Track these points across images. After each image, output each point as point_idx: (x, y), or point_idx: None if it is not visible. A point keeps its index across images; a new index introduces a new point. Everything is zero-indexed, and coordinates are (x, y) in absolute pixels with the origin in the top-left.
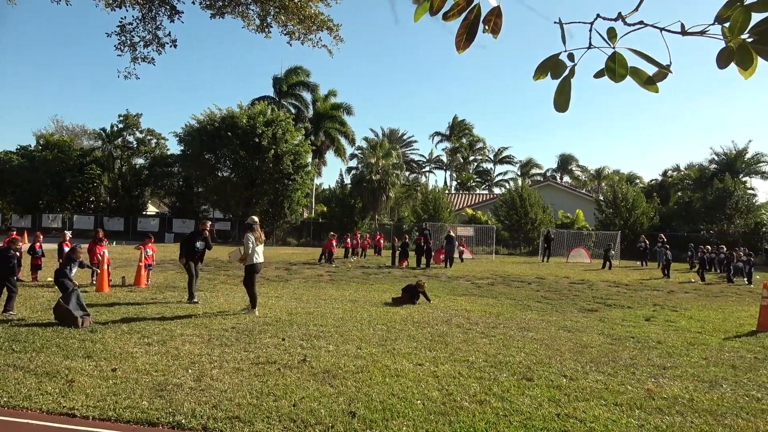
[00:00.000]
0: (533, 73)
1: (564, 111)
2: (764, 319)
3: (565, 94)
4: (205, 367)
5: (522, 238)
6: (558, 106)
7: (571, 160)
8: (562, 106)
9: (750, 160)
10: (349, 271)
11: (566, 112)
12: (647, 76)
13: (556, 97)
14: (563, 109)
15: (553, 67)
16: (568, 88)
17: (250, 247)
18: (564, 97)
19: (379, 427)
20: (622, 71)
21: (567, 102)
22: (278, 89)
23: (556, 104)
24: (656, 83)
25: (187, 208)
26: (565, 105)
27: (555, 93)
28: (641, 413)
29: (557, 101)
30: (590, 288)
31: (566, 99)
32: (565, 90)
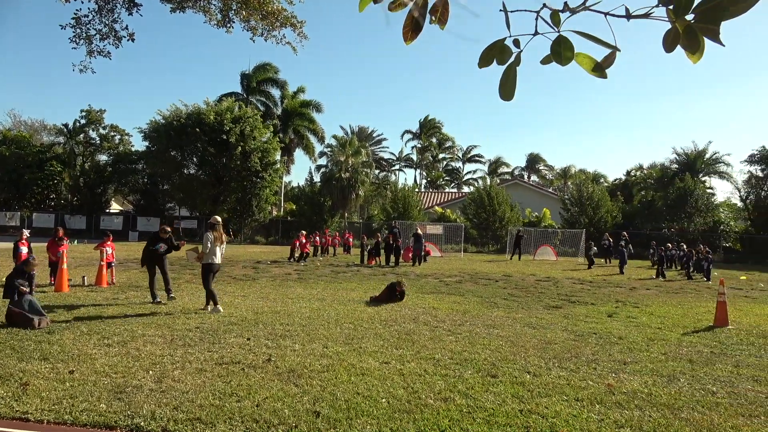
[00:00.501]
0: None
1: (509, 99)
2: (720, 315)
3: (510, 82)
4: (167, 368)
5: (490, 236)
6: (503, 94)
7: (539, 160)
8: (507, 95)
9: (709, 160)
10: (318, 270)
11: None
12: (595, 62)
13: (501, 85)
14: (509, 97)
15: (499, 54)
16: (514, 76)
17: (207, 247)
18: (509, 84)
19: (343, 426)
20: (569, 54)
21: (512, 90)
22: (246, 85)
23: (501, 92)
24: (604, 69)
25: (152, 206)
26: (510, 93)
27: (500, 80)
28: (601, 408)
29: (502, 89)
30: (556, 285)
31: (511, 87)
32: (510, 78)
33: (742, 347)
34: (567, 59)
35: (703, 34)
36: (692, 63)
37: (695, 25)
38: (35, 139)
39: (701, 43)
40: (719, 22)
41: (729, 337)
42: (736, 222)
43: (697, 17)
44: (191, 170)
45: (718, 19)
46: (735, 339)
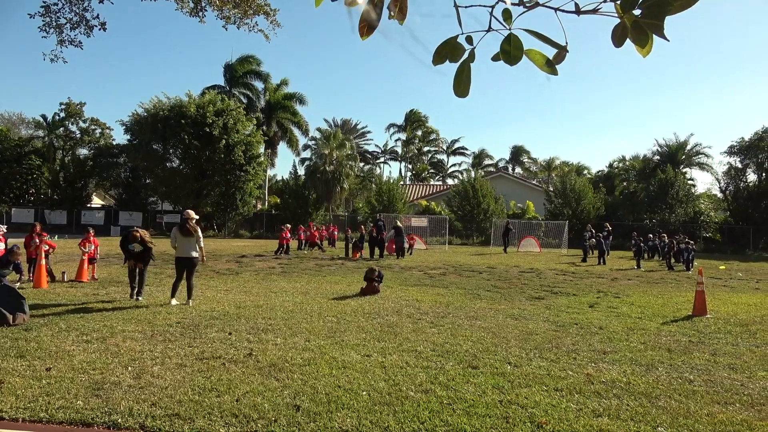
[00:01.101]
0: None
1: (463, 96)
2: (699, 304)
3: (464, 78)
4: (146, 364)
5: (474, 228)
6: (458, 92)
7: (523, 152)
8: (461, 92)
9: (690, 151)
10: (302, 263)
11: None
12: (546, 58)
13: (455, 83)
14: (463, 94)
15: (451, 51)
16: (468, 73)
17: (171, 240)
18: (463, 82)
19: (323, 420)
20: (518, 53)
21: (467, 87)
22: (229, 78)
23: (456, 89)
24: (555, 66)
25: (134, 200)
26: (465, 90)
27: (454, 78)
28: (580, 397)
29: (457, 86)
30: (539, 276)
31: (466, 84)
32: (464, 75)
33: (720, 336)
34: (515, 59)
35: (647, 29)
36: (642, 57)
37: (641, 20)
38: (13, 132)
39: (649, 37)
40: (663, 18)
41: (707, 326)
42: (716, 213)
43: (643, 12)
44: (174, 164)
45: (662, 14)
46: (713, 328)
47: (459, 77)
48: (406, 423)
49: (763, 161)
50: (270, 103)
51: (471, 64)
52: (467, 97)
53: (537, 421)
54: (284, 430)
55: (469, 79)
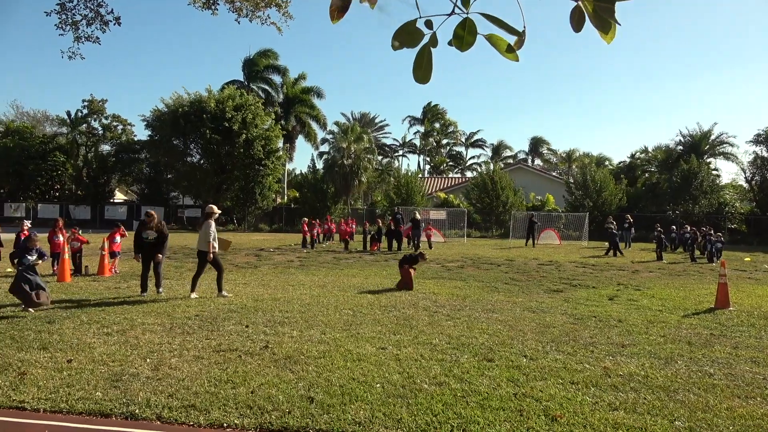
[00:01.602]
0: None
1: (424, 82)
2: (722, 297)
3: (424, 64)
4: (165, 356)
5: (493, 221)
6: (416, 77)
7: (542, 143)
8: (421, 77)
9: (714, 141)
10: (321, 257)
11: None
12: (507, 44)
13: (415, 68)
14: (424, 80)
15: (408, 36)
16: (429, 58)
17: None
18: (423, 67)
19: (337, 412)
20: (470, 38)
21: (427, 73)
22: (247, 73)
23: (415, 75)
24: (515, 52)
25: (156, 195)
26: (425, 76)
27: (414, 63)
28: (596, 390)
29: (416, 72)
30: (558, 269)
31: (426, 70)
32: (424, 60)
33: (743, 329)
34: (467, 44)
35: (600, 12)
36: (606, 43)
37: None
38: (38, 129)
39: (612, 23)
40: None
41: (729, 318)
42: (741, 203)
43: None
44: (194, 159)
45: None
46: (735, 321)
47: (418, 62)
48: (419, 415)
49: None
50: (288, 97)
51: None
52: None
53: (551, 414)
54: (298, 422)
55: (430, 65)
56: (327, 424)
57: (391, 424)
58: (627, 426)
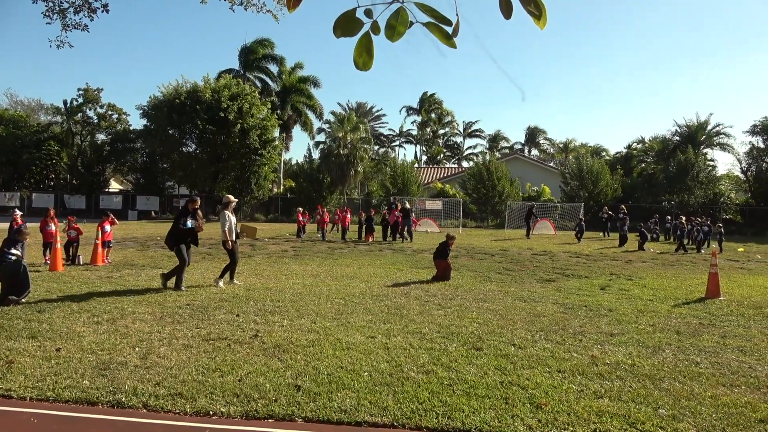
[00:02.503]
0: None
1: (365, 69)
2: (712, 286)
3: (365, 52)
4: (154, 345)
5: (490, 211)
6: (357, 65)
7: (539, 133)
8: (362, 65)
9: (711, 132)
10: (315, 246)
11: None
12: (445, 32)
13: (355, 54)
14: (364, 67)
15: (347, 25)
16: (370, 46)
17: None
18: (364, 55)
19: (323, 400)
20: (401, 29)
21: (368, 61)
22: (244, 62)
23: (356, 62)
24: (453, 39)
25: (151, 185)
26: (366, 64)
27: (354, 50)
28: (582, 379)
29: (357, 59)
30: (551, 259)
31: (367, 57)
32: (364, 48)
33: (732, 318)
34: (399, 35)
35: None
36: (540, 29)
37: None
38: (32, 118)
39: (542, 8)
40: None
41: (719, 308)
42: (737, 194)
43: None
44: (190, 148)
45: None
46: (725, 310)
47: (359, 50)
48: (404, 403)
49: None
50: (285, 86)
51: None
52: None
53: (537, 402)
54: (284, 410)
55: (371, 53)
56: (313, 412)
57: (376, 411)
58: (611, 413)
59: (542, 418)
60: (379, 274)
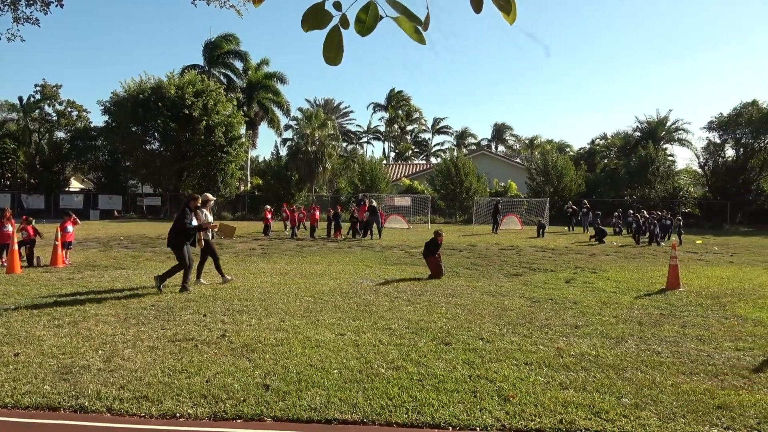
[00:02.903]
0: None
1: (335, 63)
2: (672, 278)
3: (334, 46)
4: (117, 347)
5: (457, 207)
6: (327, 59)
7: (506, 129)
8: (331, 59)
9: (670, 127)
10: (283, 244)
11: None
12: (415, 26)
13: (324, 49)
14: (333, 61)
15: (316, 17)
16: (338, 40)
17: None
18: (333, 49)
19: (293, 398)
20: (371, 23)
21: (338, 55)
22: (208, 57)
23: (325, 56)
24: (422, 34)
25: (114, 184)
26: (336, 58)
27: (323, 44)
28: (549, 371)
29: (326, 53)
30: (518, 254)
31: (336, 51)
32: (333, 42)
33: (691, 308)
34: (368, 29)
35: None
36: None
37: None
38: None
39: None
40: None
41: (679, 299)
42: (695, 188)
43: None
44: (154, 146)
45: None
46: (685, 301)
47: (328, 44)
48: (374, 399)
49: (741, 136)
50: (251, 82)
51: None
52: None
53: (504, 394)
54: (252, 410)
55: (341, 47)
56: (282, 411)
57: (346, 408)
58: (576, 404)
59: (510, 410)
60: (348, 271)
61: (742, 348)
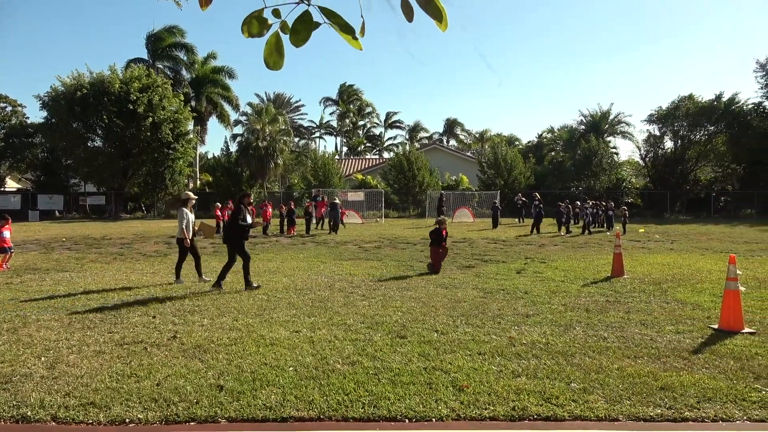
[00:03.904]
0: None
1: (276, 69)
2: (617, 266)
3: (275, 52)
4: (62, 353)
5: (410, 201)
6: (268, 64)
7: (457, 124)
8: (273, 64)
9: (613, 120)
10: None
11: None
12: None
13: (265, 54)
14: (275, 66)
15: (254, 26)
16: (280, 45)
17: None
18: (274, 55)
19: (247, 398)
20: (306, 34)
21: (279, 60)
22: (152, 51)
23: (266, 62)
24: (358, 40)
25: (54, 183)
26: (277, 63)
27: (264, 49)
28: (501, 360)
29: (268, 59)
30: (471, 246)
31: (277, 57)
32: (274, 48)
33: (635, 295)
34: (303, 40)
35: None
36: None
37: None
38: None
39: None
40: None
41: (623, 286)
42: (637, 179)
43: None
44: (96, 143)
45: None
46: (629, 287)
47: (269, 50)
48: (330, 395)
49: (679, 129)
50: (198, 77)
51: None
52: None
53: (459, 385)
54: (206, 411)
55: (282, 52)
56: (236, 411)
57: (302, 406)
58: (528, 391)
59: (464, 400)
60: (303, 267)
61: (682, 331)
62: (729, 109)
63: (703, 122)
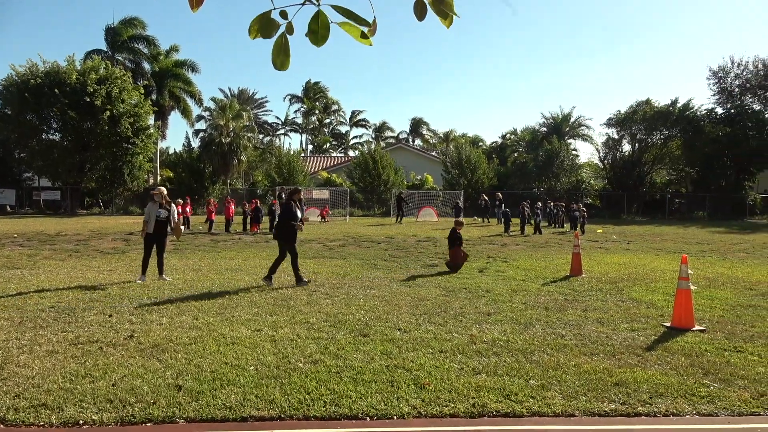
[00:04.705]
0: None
1: (283, 69)
2: (575, 265)
3: (282, 53)
4: (12, 353)
5: (376, 200)
6: (275, 65)
7: (422, 124)
8: (280, 65)
9: (573, 123)
10: (197, 240)
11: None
12: (360, 31)
13: (273, 55)
14: (282, 67)
15: (264, 27)
16: (286, 47)
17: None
18: (281, 56)
19: (206, 398)
20: (324, 32)
21: (285, 61)
22: (111, 42)
23: (274, 63)
24: (369, 38)
25: (5, 176)
26: (284, 64)
27: (272, 51)
28: (462, 357)
29: (275, 60)
30: (435, 245)
31: (284, 58)
32: (281, 49)
33: (592, 293)
34: (323, 38)
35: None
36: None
37: None
38: None
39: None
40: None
41: (581, 284)
42: (596, 180)
43: None
44: (52, 136)
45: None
46: (586, 286)
47: (276, 51)
48: (292, 394)
49: (636, 132)
50: (160, 70)
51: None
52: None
53: (420, 382)
54: (164, 412)
55: (288, 53)
56: (195, 412)
57: (263, 405)
58: (488, 388)
59: (425, 398)
60: (266, 265)
61: (636, 329)
62: (683, 115)
63: (660, 126)
